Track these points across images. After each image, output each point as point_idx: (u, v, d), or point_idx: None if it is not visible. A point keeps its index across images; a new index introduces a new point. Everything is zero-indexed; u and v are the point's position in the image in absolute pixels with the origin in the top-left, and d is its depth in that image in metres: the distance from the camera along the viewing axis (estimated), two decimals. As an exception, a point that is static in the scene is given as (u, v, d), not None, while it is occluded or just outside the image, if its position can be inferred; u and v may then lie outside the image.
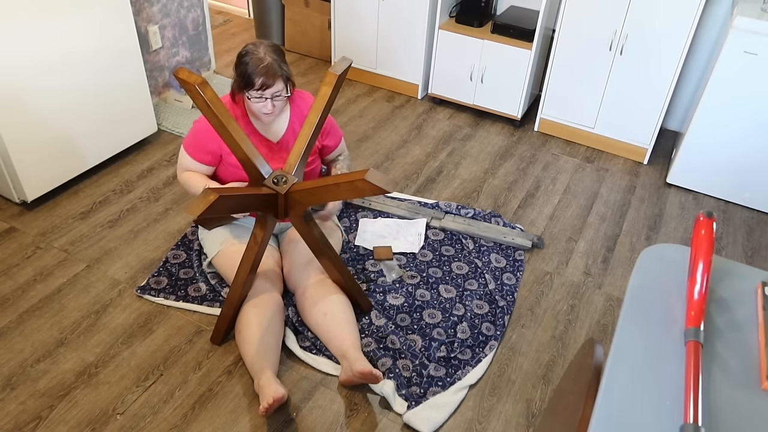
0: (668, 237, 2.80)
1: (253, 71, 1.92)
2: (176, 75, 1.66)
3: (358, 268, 2.45)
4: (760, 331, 0.95)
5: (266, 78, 1.92)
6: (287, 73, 1.98)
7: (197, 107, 1.71)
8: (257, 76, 1.92)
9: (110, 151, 2.91)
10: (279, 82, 1.95)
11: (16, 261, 2.39)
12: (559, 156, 3.34)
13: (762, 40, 2.62)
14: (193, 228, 2.58)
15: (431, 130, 3.48)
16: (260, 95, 1.95)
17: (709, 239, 0.97)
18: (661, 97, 3.09)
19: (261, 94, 1.95)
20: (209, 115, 1.71)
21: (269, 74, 1.92)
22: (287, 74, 1.99)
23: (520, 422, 1.95)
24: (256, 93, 1.95)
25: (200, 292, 2.29)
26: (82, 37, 2.56)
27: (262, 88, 1.93)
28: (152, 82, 3.39)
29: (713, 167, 3.01)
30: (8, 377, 1.96)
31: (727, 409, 0.83)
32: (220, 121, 1.71)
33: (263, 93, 1.95)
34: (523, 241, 2.62)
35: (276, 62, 1.94)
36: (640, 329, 0.94)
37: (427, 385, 2.00)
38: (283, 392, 1.78)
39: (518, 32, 3.30)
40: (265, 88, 1.94)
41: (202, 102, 1.68)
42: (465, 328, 2.22)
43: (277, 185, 1.82)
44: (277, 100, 1.99)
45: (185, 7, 3.45)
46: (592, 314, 2.36)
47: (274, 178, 1.83)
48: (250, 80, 1.93)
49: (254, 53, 1.94)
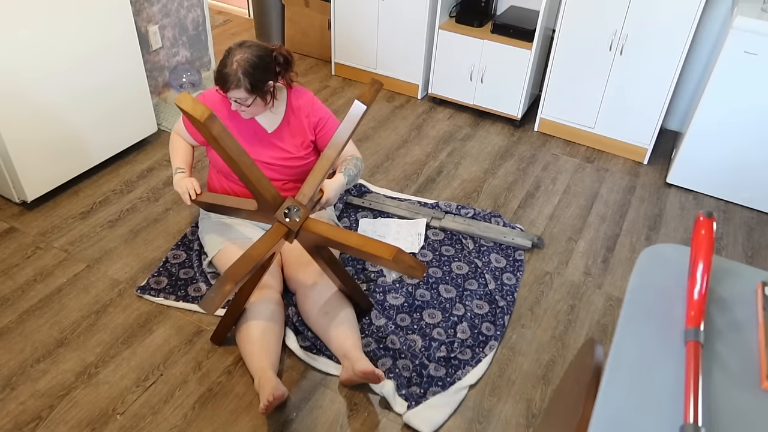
0: (668, 237, 2.80)
1: (217, 71, 1.95)
2: (178, 105, 1.60)
3: (358, 268, 2.45)
4: (760, 331, 0.95)
5: (222, 84, 1.94)
6: (247, 86, 1.93)
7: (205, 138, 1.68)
8: (217, 79, 1.95)
9: (110, 151, 2.91)
10: (235, 92, 1.94)
11: (16, 261, 2.39)
12: (559, 156, 3.34)
13: (762, 40, 2.62)
14: (193, 228, 2.58)
15: (431, 130, 3.48)
16: (229, 96, 1.99)
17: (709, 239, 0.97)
18: (661, 97, 3.09)
19: (229, 96, 1.98)
20: (219, 150, 1.69)
21: (224, 81, 1.93)
22: (248, 83, 1.92)
23: (520, 422, 1.95)
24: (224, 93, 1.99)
25: (200, 292, 2.29)
26: (82, 37, 2.56)
27: (224, 90, 1.96)
28: (152, 82, 3.39)
29: (713, 167, 3.01)
30: (8, 377, 1.96)
31: (727, 409, 0.83)
32: (231, 157, 1.69)
33: (229, 95, 1.98)
34: (523, 241, 2.62)
35: (242, 73, 1.91)
36: (640, 329, 0.94)
37: (427, 385, 2.00)
38: (283, 390, 1.78)
39: (518, 32, 3.30)
40: (225, 92, 1.96)
41: (209, 136, 1.64)
42: (465, 328, 2.22)
43: (288, 216, 1.81)
44: (243, 102, 1.99)
45: (185, 7, 3.45)
46: (592, 314, 2.36)
47: (285, 209, 1.82)
48: (216, 79, 1.97)
49: (230, 55, 1.94)
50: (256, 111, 2.07)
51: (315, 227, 1.82)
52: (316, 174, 1.90)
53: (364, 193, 2.88)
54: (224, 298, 1.59)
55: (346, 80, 3.94)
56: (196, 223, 2.60)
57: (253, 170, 1.74)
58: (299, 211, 1.83)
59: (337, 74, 4.00)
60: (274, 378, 1.83)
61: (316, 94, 3.74)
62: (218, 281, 1.60)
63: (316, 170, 1.91)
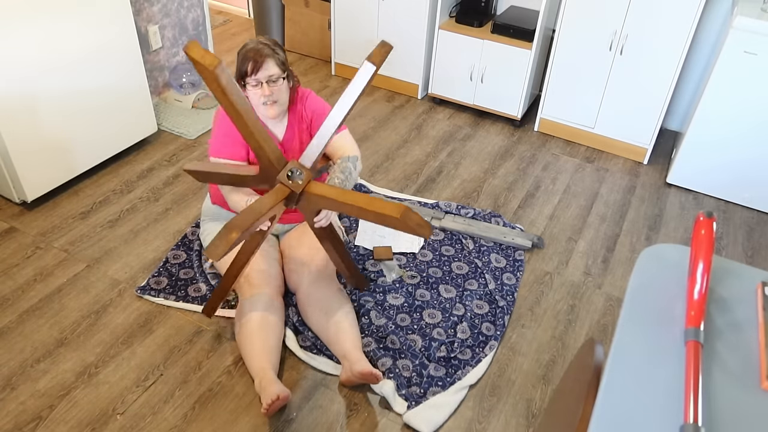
0: (668, 237, 2.80)
1: (244, 57, 1.95)
2: (187, 52, 1.55)
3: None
4: (760, 331, 0.95)
5: (256, 58, 1.93)
6: (281, 57, 1.98)
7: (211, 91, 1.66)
8: (248, 60, 1.94)
9: (110, 151, 2.91)
10: (270, 62, 1.94)
11: (16, 261, 2.39)
12: (559, 156, 3.34)
13: (762, 40, 2.62)
14: (193, 228, 2.58)
15: (431, 130, 3.48)
16: (255, 81, 1.96)
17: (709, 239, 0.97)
18: (661, 97, 3.09)
19: (256, 80, 1.95)
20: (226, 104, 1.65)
21: (258, 54, 1.93)
22: (281, 58, 1.98)
23: (520, 422, 1.95)
24: (251, 80, 1.96)
25: (200, 292, 2.29)
26: (82, 37, 2.56)
27: (254, 72, 1.94)
28: (152, 82, 3.39)
29: (713, 167, 3.01)
30: (8, 377, 1.96)
31: (727, 409, 0.83)
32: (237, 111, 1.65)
33: (257, 77, 1.95)
34: (523, 241, 2.62)
35: (267, 47, 1.96)
36: (640, 329, 0.94)
37: (427, 385, 2.00)
38: (286, 391, 1.78)
39: (518, 32, 3.30)
40: (257, 71, 1.94)
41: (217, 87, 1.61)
42: (465, 328, 2.22)
43: (291, 179, 1.79)
44: (273, 86, 1.97)
45: (185, 7, 3.45)
46: (592, 314, 2.36)
47: (288, 171, 1.80)
48: (243, 67, 1.95)
49: (246, 45, 1.98)
50: (283, 99, 2.03)
51: (318, 189, 1.78)
52: (321, 137, 1.87)
53: (364, 193, 2.88)
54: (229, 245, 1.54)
55: (346, 80, 3.94)
56: (196, 224, 2.60)
57: (257, 126, 1.73)
58: (302, 174, 1.79)
59: (337, 74, 4.00)
60: (275, 379, 1.83)
61: (316, 94, 3.74)
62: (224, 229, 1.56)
63: (321, 133, 1.88)
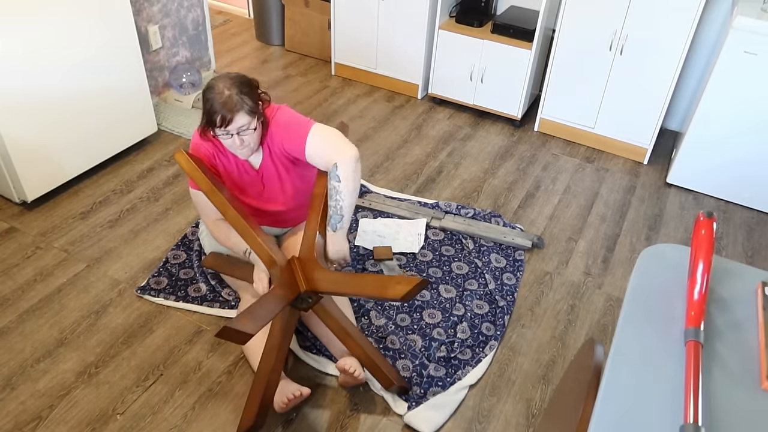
0: (668, 237, 2.80)
1: (211, 108, 1.79)
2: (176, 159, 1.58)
3: (358, 268, 2.45)
4: (760, 331, 0.95)
5: (224, 114, 1.78)
6: (250, 105, 1.81)
7: None
8: (216, 112, 1.78)
9: (110, 151, 2.91)
10: (241, 115, 1.79)
11: (16, 261, 2.39)
12: (559, 156, 3.34)
13: (762, 40, 2.62)
14: (193, 228, 2.58)
15: (431, 130, 3.48)
16: (225, 132, 1.82)
17: (709, 239, 0.97)
18: (661, 97, 3.09)
19: (225, 131, 1.82)
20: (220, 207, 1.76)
21: (228, 109, 1.78)
22: (250, 106, 1.81)
23: (520, 422, 1.95)
24: (221, 131, 1.82)
25: (200, 292, 2.29)
26: (82, 36, 2.56)
27: (223, 126, 1.80)
28: (152, 82, 3.39)
29: (713, 167, 3.01)
30: (8, 377, 1.96)
31: (727, 409, 0.83)
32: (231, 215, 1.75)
33: (227, 129, 1.81)
34: (523, 241, 2.62)
35: (237, 95, 1.79)
36: (640, 329, 0.94)
37: (427, 385, 2.00)
38: (307, 389, 1.80)
39: (518, 32, 3.30)
40: (227, 124, 1.80)
41: None
42: (465, 328, 2.22)
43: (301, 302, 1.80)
44: (244, 135, 1.84)
45: (185, 7, 3.45)
46: (592, 314, 2.36)
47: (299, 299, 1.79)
48: (211, 118, 1.80)
49: (214, 88, 1.80)
50: (254, 143, 1.90)
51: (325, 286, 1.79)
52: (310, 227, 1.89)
53: (364, 193, 2.88)
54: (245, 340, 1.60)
55: (346, 80, 3.94)
56: (196, 224, 2.60)
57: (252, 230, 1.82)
58: (312, 299, 1.80)
59: (337, 74, 4.00)
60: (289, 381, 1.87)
61: (316, 94, 3.75)
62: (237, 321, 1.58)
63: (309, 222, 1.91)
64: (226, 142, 1.86)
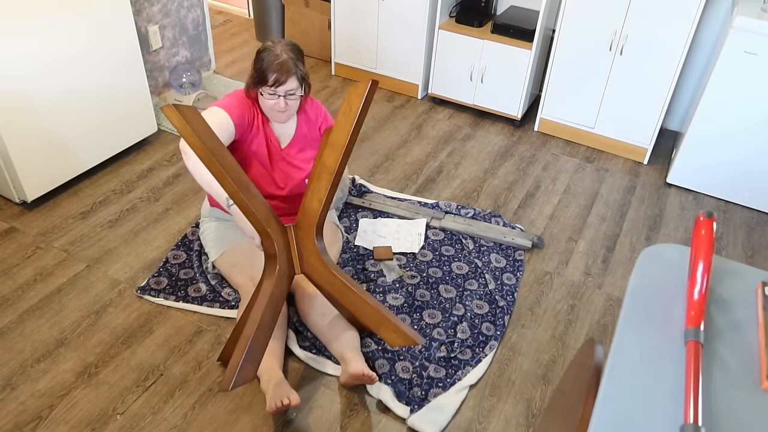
0: (668, 237, 2.80)
1: (268, 67, 1.92)
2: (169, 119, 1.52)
3: (358, 268, 2.45)
4: (760, 331, 0.95)
5: (280, 74, 1.92)
6: (302, 72, 1.98)
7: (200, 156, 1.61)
8: (271, 72, 1.92)
9: (110, 151, 2.91)
10: (293, 79, 1.95)
11: (16, 261, 2.39)
12: (559, 156, 3.34)
13: (762, 40, 2.62)
14: (193, 228, 2.58)
15: (431, 130, 3.48)
16: (273, 92, 1.95)
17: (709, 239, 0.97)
18: (661, 97, 3.09)
19: (274, 91, 1.95)
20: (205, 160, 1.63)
21: (283, 70, 1.92)
22: (302, 73, 1.98)
23: (520, 422, 1.95)
24: (269, 90, 1.95)
25: (200, 292, 2.29)
26: (82, 37, 2.56)
27: (275, 85, 1.93)
28: (152, 82, 3.39)
29: (713, 167, 3.01)
30: (8, 377, 1.96)
31: (727, 409, 0.83)
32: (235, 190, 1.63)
33: (276, 90, 1.95)
34: (523, 241, 2.62)
35: (292, 60, 1.93)
36: (640, 329, 0.94)
37: (427, 386, 2.00)
38: (297, 399, 1.79)
39: (518, 32, 3.30)
40: (278, 85, 1.93)
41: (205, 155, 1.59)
42: (465, 328, 2.21)
43: None
44: (290, 99, 1.98)
45: (185, 7, 3.45)
46: (592, 314, 2.36)
47: None
48: (264, 76, 1.93)
49: (271, 50, 1.94)
50: (294, 108, 2.04)
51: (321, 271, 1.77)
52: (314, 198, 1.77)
53: (364, 193, 2.88)
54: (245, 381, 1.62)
55: (346, 80, 3.94)
56: (196, 224, 2.60)
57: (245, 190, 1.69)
58: None
59: (337, 74, 4.00)
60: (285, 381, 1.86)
61: (316, 95, 3.74)
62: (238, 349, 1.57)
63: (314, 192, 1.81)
64: (269, 102, 1.97)
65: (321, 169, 1.73)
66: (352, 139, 1.67)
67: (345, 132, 1.67)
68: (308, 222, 1.79)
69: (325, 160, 1.72)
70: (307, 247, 1.81)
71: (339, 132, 1.69)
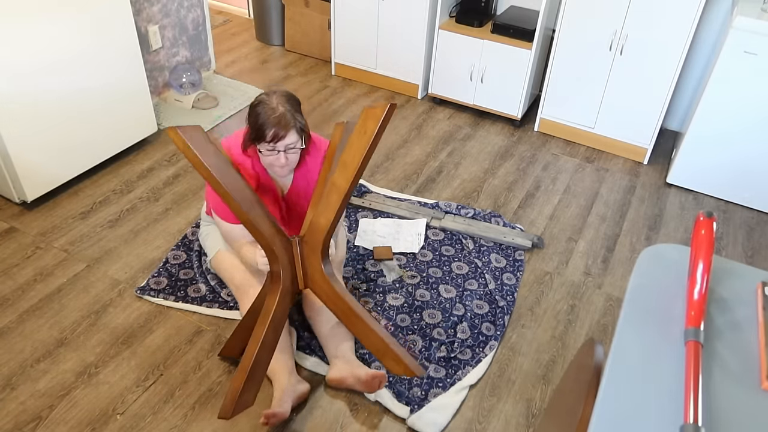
0: (668, 237, 2.80)
1: (265, 122, 1.79)
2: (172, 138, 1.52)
3: (358, 268, 2.45)
4: (760, 331, 0.95)
5: (278, 129, 1.79)
6: (301, 124, 1.85)
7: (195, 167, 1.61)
8: (269, 127, 1.79)
9: (110, 151, 2.91)
10: (292, 133, 1.82)
11: (16, 261, 2.39)
12: (559, 156, 3.34)
13: (762, 40, 2.62)
14: (193, 228, 2.58)
15: (431, 130, 3.48)
16: (272, 148, 1.83)
17: (709, 239, 0.97)
18: (661, 97, 3.09)
19: (273, 147, 1.82)
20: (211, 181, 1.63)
21: (281, 125, 1.79)
22: (301, 125, 1.86)
23: (520, 422, 1.95)
24: (268, 146, 1.82)
25: (200, 292, 2.29)
26: (82, 37, 2.56)
27: (274, 140, 1.80)
28: (152, 82, 3.39)
29: (713, 167, 3.01)
30: (8, 377, 1.96)
31: (727, 409, 0.83)
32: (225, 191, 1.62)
33: (275, 146, 1.82)
34: (523, 241, 2.62)
35: (289, 112, 1.81)
36: (640, 329, 0.94)
37: (427, 386, 2.00)
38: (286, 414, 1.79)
39: (518, 32, 3.30)
40: (278, 140, 1.81)
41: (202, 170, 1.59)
42: (465, 328, 2.22)
43: None
44: (290, 153, 1.86)
45: (185, 7, 3.45)
46: (592, 314, 2.36)
47: None
48: (261, 133, 1.80)
49: (267, 103, 1.81)
50: (295, 161, 1.91)
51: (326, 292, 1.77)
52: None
53: (364, 193, 2.88)
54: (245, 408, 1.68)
55: (346, 80, 3.94)
56: (196, 224, 2.60)
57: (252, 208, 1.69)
58: None
59: (337, 74, 4.00)
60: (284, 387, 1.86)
61: (316, 95, 3.74)
62: None
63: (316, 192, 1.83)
64: (268, 159, 1.86)
65: (331, 189, 1.69)
66: (365, 161, 1.63)
67: (358, 154, 1.63)
68: (315, 239, 1.75)
69: (336, 179, 1.68)
70: (312, 264, 1.78)
71: (352, 153, 1.64)
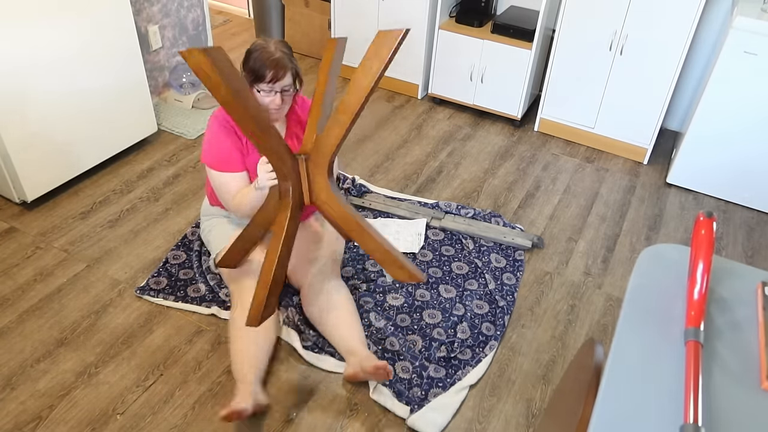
0: (668, 237, 2.80)
1: (263, 65, 1.92)
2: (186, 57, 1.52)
3: (358, 268, 2.45)
4: (760, 331, 0.95)
5: (277, 70, 1.92)
6: (296, 68, 2.00)
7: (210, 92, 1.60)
8: (268, 69, 1.92)
9: (110, 151, 2.91)
10: (288, 75, 1.96)
11: (16, 261, 2.39)
12: (559, 156, 3.34)
13: (762, 40, 2.62)
14: (193, 228, 2.58)
15: (431, 130, 3.48)
16: (270, 89, 1.95)
17: (709, 239, 0.97)
18: (661, 97, 3.09)
19: (271, 88, 1.95)
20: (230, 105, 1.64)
21: (279, 66, 1.92)
22: (296, 69, 2.00)
23: (520, 422, 1.95)
24: (266, 86, 1.95)
25: (199, 292, 2.29)
26: (82, 37, 2.56)
27: (272, 81, 1.93)
28: (152, 82, 3.39)
29: (713, 167, 3.01)
30: (8, 377, 1.96)
31: (727, 409, 0.83)
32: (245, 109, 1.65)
33: (273, 86, 1.95)
34: (523, 241, 2.62)
35: (286, 56, 1.96)
36: (640, 329, 0.94)
37: (427, 386, 2.00)
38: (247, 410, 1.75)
39: (518, 32, 3.30)
40: (275, 81, 1.94)
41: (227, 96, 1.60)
42: (465, 328, 2.22)
43: None
44: (285, 95, 1.99)
45: (185, 7, 3.45)
46: (592, 314, 2.36)
47: None
48: (260, 73, 1.93)
49: (265, 48, 1.95)
50: (287, 106, 2.05)
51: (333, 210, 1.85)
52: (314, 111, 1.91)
53: (364, 193, 2.88)
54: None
55: (345, 80, 3.94)
56: (196, 224, 2.60)
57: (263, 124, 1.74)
58: None
59: (337, 74, 4.00)
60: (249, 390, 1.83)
61: (316, 94, 3.74)
62: None
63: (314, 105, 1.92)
64: (266, 99, 1.98)
65: (341, 108, 1.77)
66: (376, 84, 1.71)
67: (371, 76, 1.69)
68: (322, 158, 1.85)
69: (347, 99, 1.75)
70: (318, 182, 1.87)
71: (364, 74, 1.70)
